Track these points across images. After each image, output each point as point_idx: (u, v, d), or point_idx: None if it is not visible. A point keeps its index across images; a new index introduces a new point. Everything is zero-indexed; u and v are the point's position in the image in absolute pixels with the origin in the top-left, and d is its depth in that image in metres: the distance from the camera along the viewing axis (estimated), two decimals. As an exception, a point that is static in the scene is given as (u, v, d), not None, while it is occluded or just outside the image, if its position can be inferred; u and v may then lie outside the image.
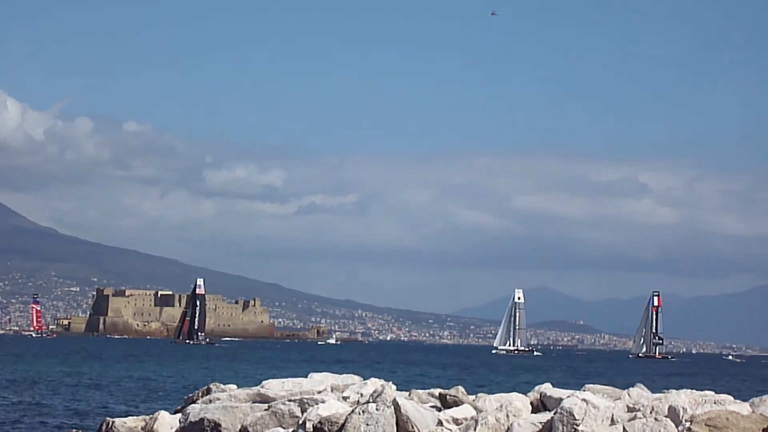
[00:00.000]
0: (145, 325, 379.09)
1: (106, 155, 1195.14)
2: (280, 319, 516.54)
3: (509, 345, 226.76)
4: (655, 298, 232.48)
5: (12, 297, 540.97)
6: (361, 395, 29.91)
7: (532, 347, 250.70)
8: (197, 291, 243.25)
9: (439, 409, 28.82)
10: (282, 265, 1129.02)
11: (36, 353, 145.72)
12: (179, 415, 30.85)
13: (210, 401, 30.98)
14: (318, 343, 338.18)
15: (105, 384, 75.16)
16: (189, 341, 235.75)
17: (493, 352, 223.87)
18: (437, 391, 30.34)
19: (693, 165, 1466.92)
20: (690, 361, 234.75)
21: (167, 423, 30.82)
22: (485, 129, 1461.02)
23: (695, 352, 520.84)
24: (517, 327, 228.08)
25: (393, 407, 27.36)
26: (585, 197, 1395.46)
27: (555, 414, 26.17)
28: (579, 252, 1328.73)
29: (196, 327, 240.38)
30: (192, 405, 30.95)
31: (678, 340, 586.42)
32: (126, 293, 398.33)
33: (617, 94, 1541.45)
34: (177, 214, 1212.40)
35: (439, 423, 27.63)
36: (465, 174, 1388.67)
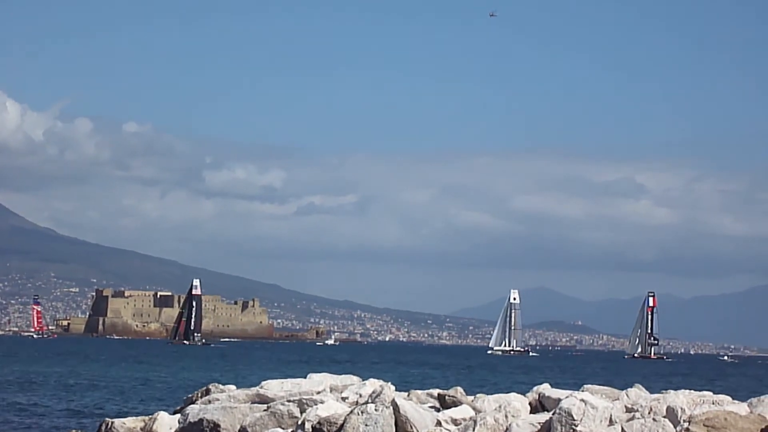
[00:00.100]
0: (145, 326, 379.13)
1: (105, 156, 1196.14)
2: (279, 320, 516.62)
3: (505, 345, 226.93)
4: (651, 298, 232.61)
5: (11, 298, 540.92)
6: (360, 396, 29.94)
7: (527, 348, 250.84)
8: (194, 292, 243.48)
9: (438, 410, 28.83)
10: (281, 266, 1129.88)
11: (36, 354, 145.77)
12: (178, 416, 30.87)
13: (209, 402, 31.01)
14: (317, 344, 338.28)
15: (104, 384, 75.18)
16: (185, 342, 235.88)
17: (489, 352, 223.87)
18: (436, 392, 30.35)
19: (692, 165, 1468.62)
20: (685, 362, 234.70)
21: (166, 423, 30.85)
22: (485, 129, 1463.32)
23: (693, 352, 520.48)
24: (513, 327, 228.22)
25: (392, 408, 27.40)
26: (584, 197, 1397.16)
27: (554, 414, 26.22)
28: (578, 252, 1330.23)
29: (192, 328, 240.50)
30: (191, 405, 30.98)
31: (677, 340, 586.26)
32: (125, 294, 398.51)
33: (617, 94, 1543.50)
34: (177, 214, 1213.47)
35: (438, 423, 27.67)
36: (465, 174, 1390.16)
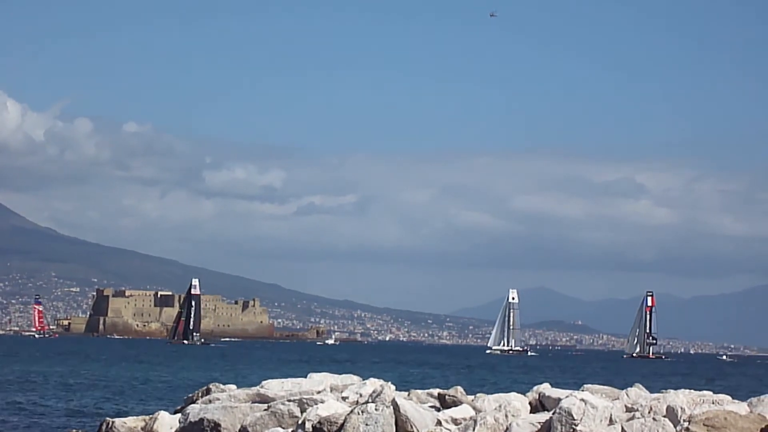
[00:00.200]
0: (145, 326, 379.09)
1: (105, 156, 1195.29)
2: (279, 320, 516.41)
3: (503, 345, 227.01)
4: (649, 298, 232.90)
5: (12, 297, 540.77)
6: (360, 395, 29.96)
7: (526, 347, 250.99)
8: (192, 291, 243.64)
9: (438, 409, 28.85)
10: (281, 266, 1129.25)
11: (37, 353, 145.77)
12: (179, 415, 30.90)
13: (210, 401, 31.03)
14: (317, 344, 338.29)
15: (104, 384, 75.20)
16: (185, 341, 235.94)
17: (488, 352, 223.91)
18: (436, 391, 30.37)
19: (692, 165, 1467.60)
20: (684, 362, 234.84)
21: (167, 423, 30.88)
22: (485, 129, 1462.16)
23: (693, 352, 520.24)
24: (512, 327, 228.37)
25: (392, 407, 27.42)
26: (584, 197, 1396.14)
27: (554, 414, 26.24)
28: (578, 252, 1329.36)
29: (191, 327, 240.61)
30: (192, 405, 31.01)
31: (676, 340, 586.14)
32: (126, 294, 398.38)
33: (617, 94, 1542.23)
34: (177, 214, 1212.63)
35: (438, 423, 27.69)
36: (464, 174, 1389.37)
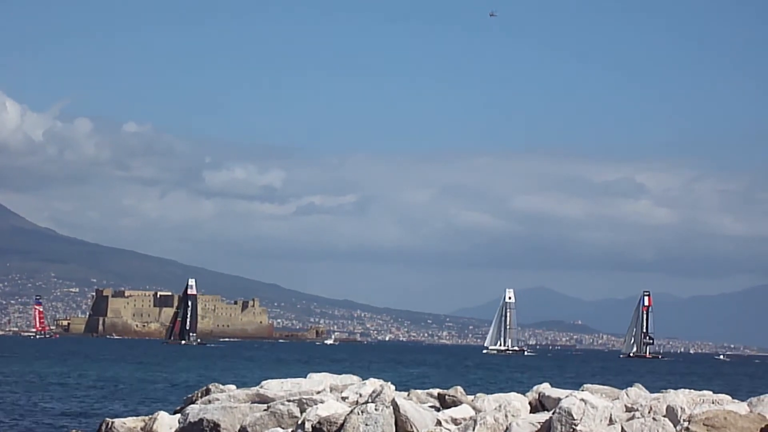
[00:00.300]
0: (145, 326, 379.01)
1: (105, 156, 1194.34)
2: (279, 320, 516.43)
3: (500, 345, 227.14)
4: (646, 297, 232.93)
5: (11, 298, 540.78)
6: (360, 395, 29.94)
7: (523, 347, 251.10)
8: (189, 291, 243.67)
9: (438, 409, 28.84)
10: (281, 266, 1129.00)
11: (36, 354, 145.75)
12: (178, 416, 30.88)
13: (209, 401, 31.01)
14: (316, 344, 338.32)
15: (104, 384, 75.19)
16: (182, 342, 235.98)
17: (484, 352, 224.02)
18: (436, 391, 30.35)
19: (692, 165, 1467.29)
20: (682, 361, 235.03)
21: (166, 423, 30.86)
22: (485, 129, 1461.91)
23: (693, 351, 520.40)
24: (508, 327, 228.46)
25: (392, 407, 27.41)
26: (584, 197, 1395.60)
27: (553, 414, 26.23)
28: (578, 252, 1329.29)
29: (188, 327, 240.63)
30: (191, 405, 30.99)
31: (676, 339, 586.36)
32: (125, 294, 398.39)
33: (616, 94, 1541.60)
34: (176, 214, 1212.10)
35: (438, 423, 27.67)
36: (464, 174, 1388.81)
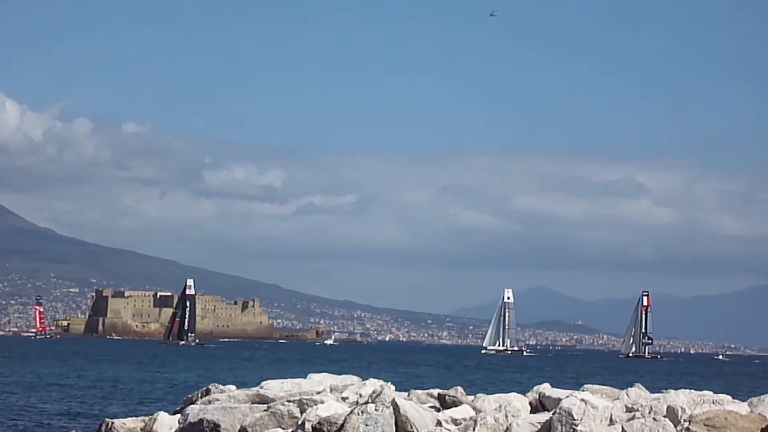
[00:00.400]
0: (144, 326, 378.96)
1: (105, 156, 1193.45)
2: (279, 320, 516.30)
3: (499, 345, 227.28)
4: (645, 297, 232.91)
5: (11, 298, 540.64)
6: (360, 396, 29.92)
7: (522, 347, 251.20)
8: (187, 292, 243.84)
9: (438, 410, 28.82)
10: (281, 266, 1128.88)
11: (36, 354, 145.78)
12: (178, 416, 30.85)
13: (209, 402, 30.99)
14: (316, 344, 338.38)
15: (104, 384, 75.18)
16: (180, 342, 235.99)
17: (483, 352, 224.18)
18: (436, 392, 30.34)
19: (691, 165, 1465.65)
20: (682, 361, 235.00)
21: (166, 424, 30.83)
22: (485, 129, 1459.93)
23: (693, 351, 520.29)
24: (507, 327, 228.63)
25: (392, 408, 27.39)
26: (584, 197, 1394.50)
27: (554, 414, 26.21)
28: (578, 252, 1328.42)
29: (186, 328, 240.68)
30: (191, 406, 30.96)
31: (676, 339, 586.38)
32: (125, 294, 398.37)
33: (616, 94, 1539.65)
34: (176, 214, 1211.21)
35: (438, 423, 27.66)
36: (464, 174, 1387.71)
